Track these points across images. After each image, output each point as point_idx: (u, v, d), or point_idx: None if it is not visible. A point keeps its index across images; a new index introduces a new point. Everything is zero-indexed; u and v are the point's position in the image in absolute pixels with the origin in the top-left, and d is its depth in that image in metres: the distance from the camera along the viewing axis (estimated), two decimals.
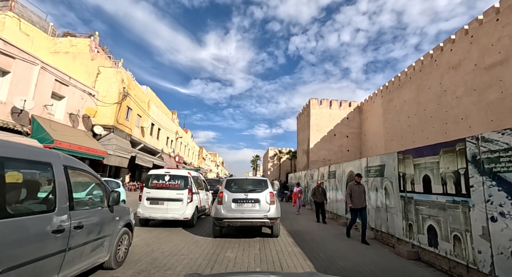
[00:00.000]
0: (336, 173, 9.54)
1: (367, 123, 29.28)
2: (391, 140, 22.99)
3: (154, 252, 4.66)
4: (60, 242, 2.44)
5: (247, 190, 6.15)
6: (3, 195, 2.01)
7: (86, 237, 2.88)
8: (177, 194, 7.03)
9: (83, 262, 2.88)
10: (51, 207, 2.44)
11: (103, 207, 3.37)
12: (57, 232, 2.40)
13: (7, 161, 2.10)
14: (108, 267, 3.50)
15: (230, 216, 5.72)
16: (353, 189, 5.86)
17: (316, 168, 12.68)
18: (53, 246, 2.37)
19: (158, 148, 26.38)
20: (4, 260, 1.88)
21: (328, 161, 29.95)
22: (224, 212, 5.76)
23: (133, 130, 19.53)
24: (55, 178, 2.52)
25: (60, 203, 2.51)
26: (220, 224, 5.84)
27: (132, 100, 18.85)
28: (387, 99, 24.32)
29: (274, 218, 5.81)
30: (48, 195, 2.54)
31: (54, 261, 2.39)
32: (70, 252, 2.58)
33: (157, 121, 25.35)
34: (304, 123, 34.55)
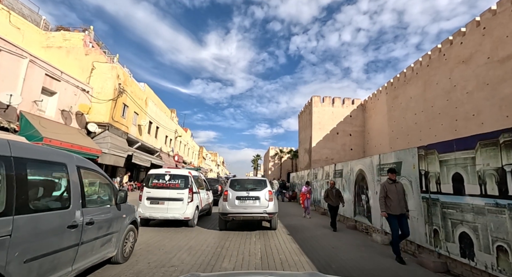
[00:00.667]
0: (343, 171, 8.92)
1: (371, 121, 28.61)
2: (396, 138, 22.32)
3: (156, 249, 4.82)
4: (74, 237, 2.66)
5: (249, 188, 6.93)
6: (26, 192, 2.20)
7: (97, 233, 3.09)
8: (177, 194, 6.98)
9: (94, 256, 3.08)
10: (66, 204, 2.66)
11: (111, 205, 3.56)
12: (72, 227, 2.61)
13: (29, 162, 2.30)
14: (115, 261, 3.71)
15: (234, 211, 6.56)
16: (389, 189, 4.60)
17: (320, 166, 12.06)
18: (69, 240, 2.58)
19: (157, 147, 25.80)
20: (28, 251, 2.11)
21: (331, 160, 29.30)
22: (229, 208, 6.60)
23: (129, 128, 18.95)
24: (69, 178, 2.74)
25: (74, 200, 2.73)
26: (225, 218, 6.67)
27: (129, 97, 18.26)
28: (392, 96, 23.65)
29: (272, 213, 6.68)
30: (63, 193, 2.75)
31: (69, 254, 2.59)
32: (83, 246, 2.79)
33: (155, 119, 24.76)
34: (306, 121, 33.90)
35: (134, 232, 4.20)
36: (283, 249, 5.14)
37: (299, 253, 4.92)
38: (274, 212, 6.73)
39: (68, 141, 11.80)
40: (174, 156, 33.45)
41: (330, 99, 31.65)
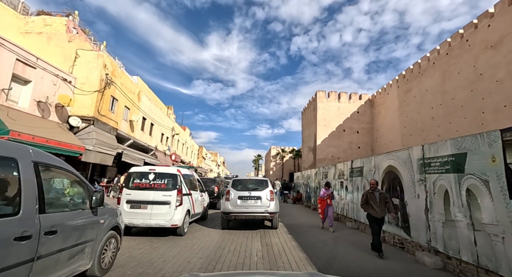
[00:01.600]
0: (363, 169, 7.47)
1: (380, 117, 27.11)
2: (409, 135, 20.82)
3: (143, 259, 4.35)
4: (26, 251, 2.19)
5: (251, 188, 7.13)
6: None
7: (62, 244, 2.64)
8: (163, 196, 5.96)
9: (59, 271, 2.59)
10: (15, 210, 2.19)
11: (84, 209, 3.13)
12: (21, 239, 2.13)
13: None
14: (91, 275, 3.27)
15: (236, 211, 6.77)
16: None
17: (332, 164, 10.59)
18: (16, 256, 2.10)
19: (151, 145, 24.41)
20: None
21: (337, 159, 27.84)
22: (231, 207, 6.80)
23: (119, 123, 17.56)
24: (21, 176, 2.27)
25: (27, 205, 2.25)
26: (227, 217, 6.89)
27: (118, 89, 16.88)
28: (404, 89, 22.14)
29: (274, 213, 6.90)
30: (12, 196, 2.26)
31: (19, 273, 2.12)
32: (40, 261, 2.32)
33: (150, 116, 23.38)
34: (310, 118, 32.43)
35: (116, 239, 3.72)
36: None
37: None
38: (276, 211, 6.96)
39: (43, 136, 10.40)
40: (171, 155, 32.10)
41: (336, 94, 30.17)
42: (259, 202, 6.83)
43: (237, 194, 6.93)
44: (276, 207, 6.99)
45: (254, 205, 6.82)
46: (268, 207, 6.79)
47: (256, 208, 6.78)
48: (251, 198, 6.87)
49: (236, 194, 6.93)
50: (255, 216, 6.80)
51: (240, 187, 7.21)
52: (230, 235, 6.36)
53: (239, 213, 6.75)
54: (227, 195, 6.99)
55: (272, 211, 6.81)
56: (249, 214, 6.76)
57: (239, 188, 7.18)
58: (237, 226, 7.49)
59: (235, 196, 6.90)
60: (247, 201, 6.85)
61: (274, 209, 6.87)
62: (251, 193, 6.94)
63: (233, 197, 6.89)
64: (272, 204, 6.85)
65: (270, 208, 6.79)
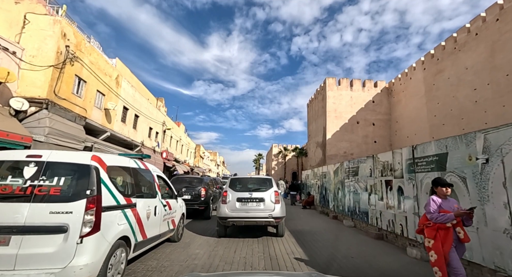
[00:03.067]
0: (444, 158, 4.43)
1: (400, 106, 24.06)
2: (441, 125, 17.77)
3: None
4: None
5: (252, 189, 6.48)
6: None
7: None
8: (52, 216, 2.68)
9: None
10: None
11: None
12: None
13: None
14: None
15: (234, 216, 6.07)
16: None
17: (365, 157, 7.61)
18: None
19: (136, 140, 21.51)
20: None
21: (350, 155, 24.88)
22: (228, 212, 6.10)
23: (90, 111, 14.64)
24: None
25: None
26: (224, 223, 6.19)
27: (87, 68, 13.95)
28: (433, 71, 19.07)
29: (279, 217, 6.17)
30: None
31: None
32: None
33: (133, 105, 20.45)
34: (318, 109, 29.40)
35: None
36: None
37: None
38: (281, 216, 6.29)
39: None
40: (161, 152, 29.21)
41: (348, 81, 27.10)
42: (262, 205, 6.19)
43: (236, 195, 6.29)
44: (282, 211, 6.30)
45: (256, 208, 6.17)
46: (273, 211, 6.12)
47: (258, 212, 6.12)
48: (252, 201, 6.23)
49: (235, 195, 6.30)
50: (257, 221, 6.11)
51: (239, 188, 6.58)
52: (226, 248, 5.38)
53: (238, 218, 6.07)
54: (224, 197, 6.33)
55: (278, 215, 6.13)
56: (250, 219, 6.08)
57: (238, 188, 6.56)
58: (235, 233, 6.83)
59: (233, 198, 6.26)
60: (247, 204, 6.20)
61: (280, 213, 6.19)
62: (252, 194, 6.29)
63: (231, 199, 6.24)
64: (277, 208, 6.18)
65: (275, 212, 6.11)
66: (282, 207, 6.32)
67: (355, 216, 8.01)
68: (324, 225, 8.69)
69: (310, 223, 9.22)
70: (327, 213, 11.35)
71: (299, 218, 10.45)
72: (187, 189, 9.85)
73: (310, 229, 7.96)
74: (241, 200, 6.19)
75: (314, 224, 8.98)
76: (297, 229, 7.92)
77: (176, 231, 5.29)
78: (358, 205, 7.80)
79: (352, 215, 8.31)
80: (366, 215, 7.15)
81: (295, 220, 9.85)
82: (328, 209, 11.28)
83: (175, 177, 10.51)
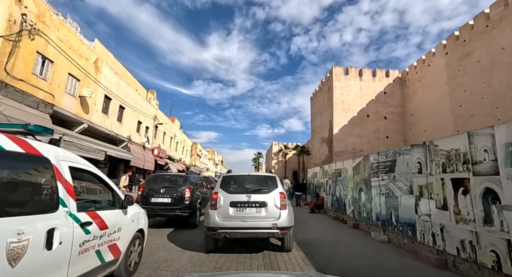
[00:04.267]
0: None
1: (416, 97, 22.01)
2: (470, 116, 15.75)
3: None
4: None
5: (250, 190, 5.06)
6: None
7: None
8: None
9: None
10: None
11: None
12: None
13: None
14: None
15: (227, 225, 4.63)
16: None
17: (408, 146, 5.59)
18: None
19: (122, 134, 19.50)
20: None
21: (360, 151, 22.87)
22: (219, 220, 4.68)
23: (59, 97, 12.61)
24: None
25: None
26: (213, 235, 4.72)
27: (54, 46, 11.91)
28: (458, 55, 17.00)
29: (287, 228, 4.72)
30: None
31: None
32: None
33: (117, 95, 18.42)
34: (323, 102, 27.33)
35: None
36: None
37: None
38: (289, 226, 4.76)
39: None
40: (153, 149, 27.20)
41: (357, 70, 25.02)
42: (264, 211, 4.73)
43: (229, 198, 4.84)
44: (290, 219, 4.82)
45: (256, 216, 4.70)
46: (278, 219, 4.65)
47: (258, 220, 4.65)
48: (250, 205, 4.76)
49: (228, 198, 4.84)
50: (257, 233, 4.63)
51: (233, 188, 5.14)
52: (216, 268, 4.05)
53: (231, 229, 4.58)
54: (213, 201, 4.87)
55: (284, 225, 4.66)
56: (247, 230, 4.59)
57: (232, 189, 5.11)
58: (229, 245, 5.39)
59: (226, 202, 4.80)
60: (244, 209, 4.74)
61: (287, 222, 4.72)
62: (251, 197, 4.83)
63: (223, 203, 4.79)
64: (284, 215, 4.72)
65: (281, 221, 4.64)
66: (290, 213, 4.88)
67: (390, 228, 5.98)
68: (345, 237, 6.69)
69: (324, 232, 7.24)
70: (344, 219, 9.35)
71: (308, 225, 8.48)
72: (166, 190, 7.89)
73: (326, 240, 6.03)
74: (236, 204, 4.77)
75: (330, 234, 7.00)
76: (308, 239, 6.03)
77: (123, 262, 3.25)
78: (396, 213, 5.77)
79: (384, 225, 6.28)
80: (411, 228, 5.11)
81: (304, 226, 7.91)
82: (345, 215, 9.27)
83: (152, 175, 8.47)
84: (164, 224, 8.10)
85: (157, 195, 7.82)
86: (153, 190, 7.87)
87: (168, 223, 8.25)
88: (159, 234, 6.40)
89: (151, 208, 7.52)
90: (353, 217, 8.48)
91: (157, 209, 7.62)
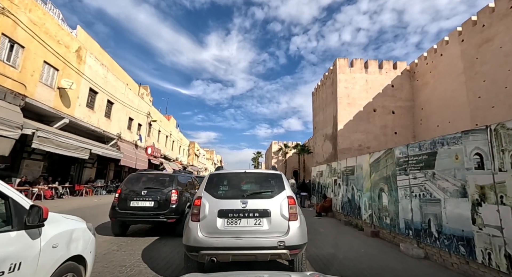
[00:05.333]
0: None
1: (427, 90, 20.73)
2: (491, 108, 14.47)
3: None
4: None
5: (247, 194, 3.65)
6: None
7: None
8: None
9: None
10: None
11: None
12: None
13: None
14: None
15: (213, 244, 3.24)
16: None
17: (458, 132, 4.28)
18: None
19: (110, 131, 18.19)
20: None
21: (366, 148, 21.62)
22: (203, 236, 3.32)
23: (32, 88, 11.33)
24: None
25: None
26: (195, 258, 3.35)
27: (24, 28, 10.60)
28: (476, 41, 15.71)
29: (298, 247, 3.30)
30: None
31: None
32: None
33: (104, 89, 17.10)
34: (327, 96, 26.02)
35: None
36: None
37: None
38: (301, 244, 3.33)
39: None
40: (146, 148, 25.88)
41: (362, 62, 23.71)
42: (266, 223, 3.35)
43: (217, 205, 3.43)
44: (303, 234, 3.38)
45: (255, 230, 3.32)
46: (286, 235, 3.27)
47: (258, 236, 3.26)
48: (247, 215, 3.37)
49: (215, 205, 3.43)
50: (257, 255, 3.22)
51: (223, 192, 3.67)
52: None
53: (220, 249, 3.18)
54: (196, 209, 3.44)
55: (295, 242, 3.25)
56: (243, 251, 3.19)
57: (222, 192, 3.65)
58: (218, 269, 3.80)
59: (213, 210, 3.39)
60: (238, 221, 3.35)
61: (299, 238, 3.30)
62: (248, 203, 3.42)
63: (208, 212, 3.39)
64: (294, 228, 3.32)
65: (290, 237, 3.24)
66: (302, 226, 3.52)
67: (428, 240, 4.69)
68: (367, 249, 5.42)
69: (340, 243, 5.98)
70: (358, 225, 8.06)
71: (318, 232, 7.22)
72: (149, 192, 6.63)
73: (346, 257, 4.83)
74: (227, 214, 3.42)
75: (346, 245, 5.73)
76: (322, 255, 4.88)
77: None
78: (437, 222, 4.48)
79: (418, 236, 4.98)
80: (465, 243, 3.81)
81: (313, 234, 6.68)
82: (360, 220, 7.99)
83: (133, 174, 7.18)
84: (148, 232, 6.84)
85: (137, 198, 6.56)
86: (133, 192, 6.62)
87: (153, 231, 6.99)
88: (134, 247, 5.11)
89: (130, 213, 6.33)
90: (371, 223, 7.20)
91: (137, 214, 6.39)
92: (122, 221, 6.41)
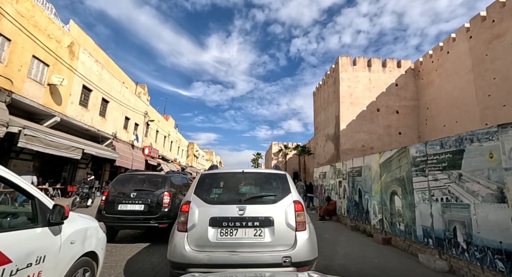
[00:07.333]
0: None
1: (432, 89, 20.18)
2: (502, 106, 13.90)
3: None
4: None
5: (245, 198, 3.07)
6: None
7: None
8: None
9: None
10: None
11: None
12: None
13: None
14: None
15: (203, 261, 2.69)
16: None
17: (493, 126, 3.68)
18: None
19: (105, 130, 17.62)
20: None
21: (370, 149, 21.05)
22: (191, 250, 2.76)
23: (19, 83, 10.78)
24: None
25: None
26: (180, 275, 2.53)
27: (10, 19, 10.08)
28: (486, 37, 15.18)
29: (306, 263, 2.75)
30: None
31: None
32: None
33: (98, 86, 16.55)
34: (329, 95, 25.47)
35: None
36: None
37: None
38: (311, 259, 2.78)
39: None
40: (143, 148, 25.30)
41: (365, 60, 23.19)
42: (268, 234, 2.79)
43: (209, 212, 2.88)
44: (313, 247, 2.84)
45: (255, 242, 2.76)
46: (293, 249, 2.72)
47: (259, 251, 2.71)
48: (245, 224, 2.82)
49: (206, 212, 2.88)
50: (256, 274, 1.89)
51: (216, 195, 3.10)
52: None
53: (212, 266, 2.63)
54: (183, 216, 2.89)
55: (304, 258, 2.71)
56: (240, 270, 2.57)
57: (215, 196, 3.09)
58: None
59: (203, 218, 2.85)
60: (234, 231, 2.80)
61: (308, 252, 2.76)
62: (246, 209, 2.87)
63: (198, 220, 2.85)
64: (302, 240, 2.78)
65: (298, 252, 2.70)
66: (312, 236, 2.98)
67: (453, 251, 4.10)
68: (382, 261, 4.83)
69: (349, 252, 5.40)
70: (366, 230, 7.48)
71: (324, 239, 6.66)
72: (139, 194, 6.10)
73: (359, 268, 4.27)
74: (221, 223, 2.87)
75: (358, 255, 5.15)
76: (331, 266, 4.44)
77: None
78: (465, 231, 3.90)
79: (440, 246, 4.39)
80: (503, 257, 3.23)
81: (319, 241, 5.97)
82: (368, 225, 7.41)
83: (122, 174, 6.62)
84: (138, 238, 6.27)
85: (126, 201, 6.03)
86: (121, 194, 6.09)
87: (144, 236, 6.43)
88: (117, 257, 4.54)
89: (118, 218, 5.79)
90: (381, 228, 6.61)
91: (126, 219, 5.85)
92: (110, 226, 5.86)
